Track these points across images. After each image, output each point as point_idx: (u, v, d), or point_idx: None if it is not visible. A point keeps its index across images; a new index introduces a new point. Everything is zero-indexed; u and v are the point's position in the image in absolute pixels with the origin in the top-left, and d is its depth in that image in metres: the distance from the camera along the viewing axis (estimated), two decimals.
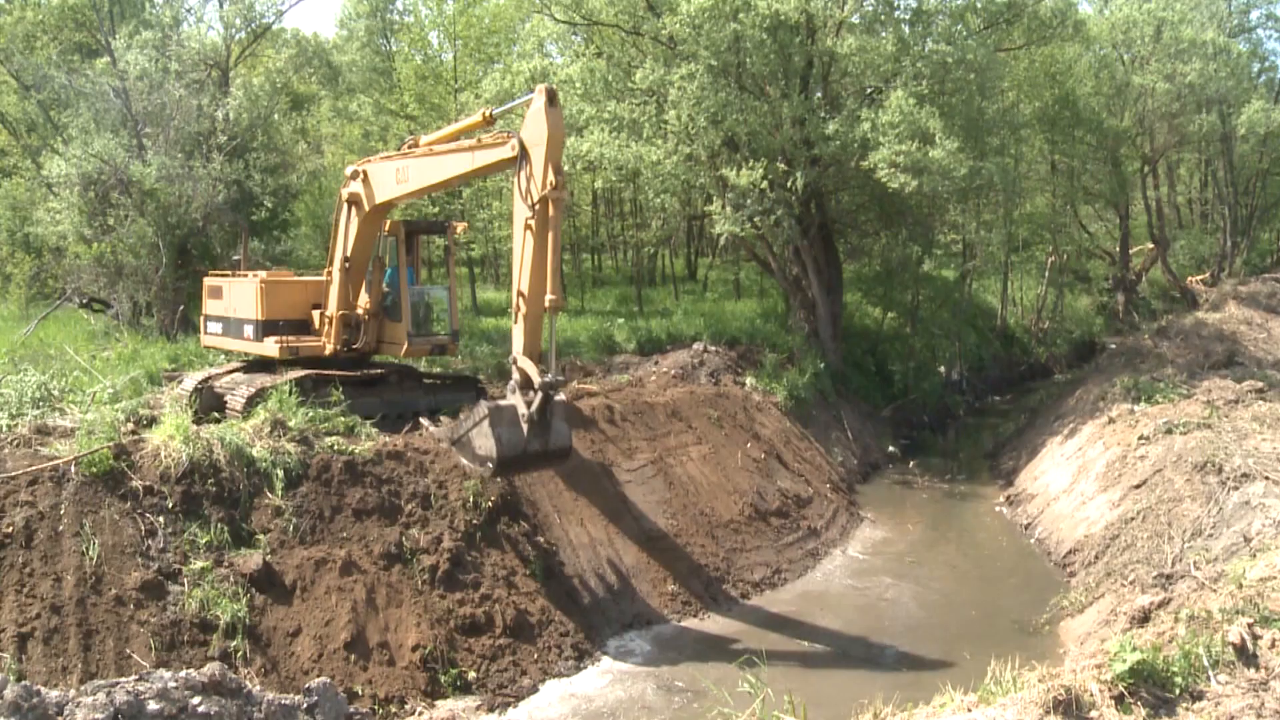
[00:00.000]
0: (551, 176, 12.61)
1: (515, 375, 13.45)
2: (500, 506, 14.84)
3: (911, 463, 25.59)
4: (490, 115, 13.92)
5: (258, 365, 17.46)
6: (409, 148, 15.77)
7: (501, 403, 13.50)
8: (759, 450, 20.40)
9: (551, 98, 12.78)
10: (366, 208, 16.10)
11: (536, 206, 12.79)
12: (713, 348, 24.98)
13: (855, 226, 31.08)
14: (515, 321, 13.39)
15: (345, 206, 16.33)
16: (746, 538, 17.57)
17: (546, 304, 12.86)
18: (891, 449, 26.75)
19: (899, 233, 29.54)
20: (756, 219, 23.10)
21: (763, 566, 16.99)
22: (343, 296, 16.84)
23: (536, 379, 12.98)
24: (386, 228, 17.05)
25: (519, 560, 14.38)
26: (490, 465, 13.24)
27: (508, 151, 13.28)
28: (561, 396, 13.81)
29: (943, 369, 33.75)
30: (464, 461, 13.97)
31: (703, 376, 23.24)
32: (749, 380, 23.73)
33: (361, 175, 16.03)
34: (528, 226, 12.96)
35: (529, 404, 13.10)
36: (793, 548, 18.01)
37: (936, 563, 17.88)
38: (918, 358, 31.78)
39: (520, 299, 13.17)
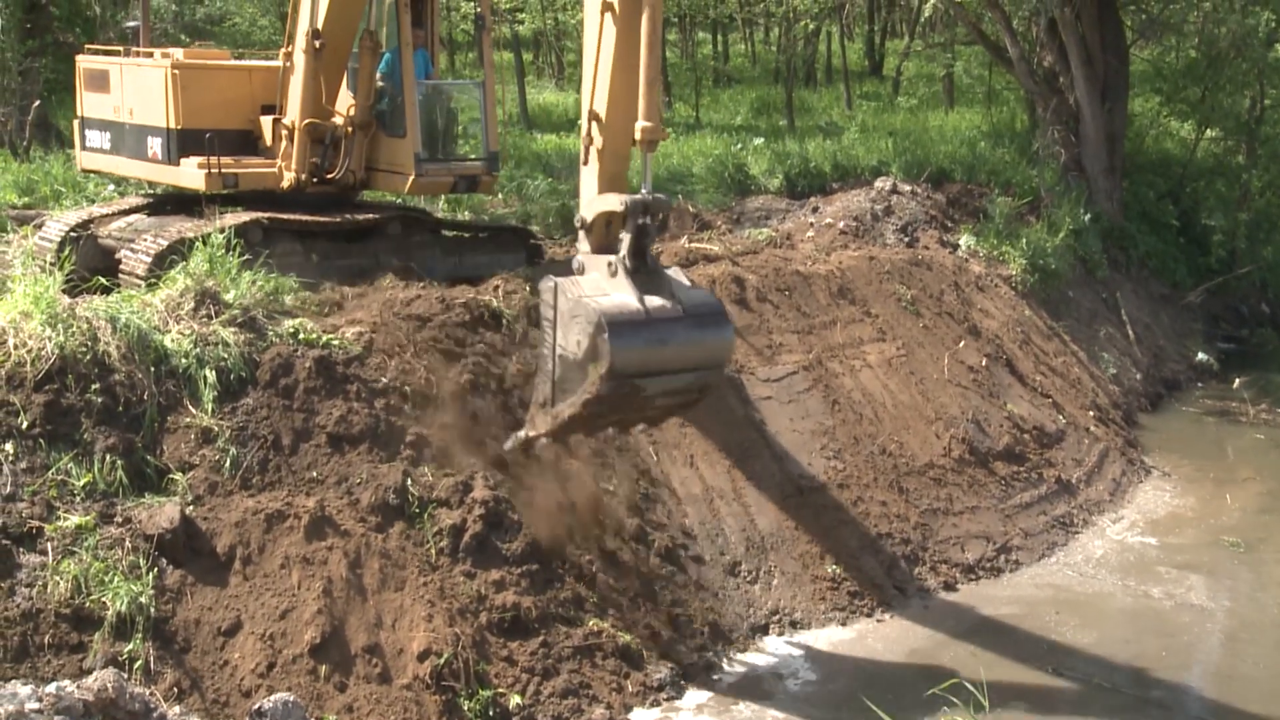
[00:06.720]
0: None
1: (583, 239, 13.26)
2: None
3: (1238, 380, 25.50)
4: None
5: (171, 202, 17.43)
6: None
7: (575, 276, 13.24)
8: (978, 354, 20.47)
9: None
10: None
11: None
12: (906, 187, 24.97)
13: None
14: (584, 162, 13.28)
15: None
16: (955, 493, 17.70)
17: (638, 135, 12.69)
18: (1203, 357, 26.84)
19: None
20: None
21: (980, 540, 17.15)
22: (310, 95, 16.64)
23: (621, 204, 12.71)
24: None
25: None
26: (604, 352, 12.18)
27: None
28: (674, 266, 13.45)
29: None
30: (572, 412, 12.86)
31: (889, 233, 23.37)
32: (965, 240, 23.80)
33: None
34: (607, 7, 12.75)
35: (618, 251, 12.78)
36: (1029, 512, 18.11)
37: (1278, 554, 17.64)
38: (1256, 205, 31.17)
39: (594, 125, 13.06)
